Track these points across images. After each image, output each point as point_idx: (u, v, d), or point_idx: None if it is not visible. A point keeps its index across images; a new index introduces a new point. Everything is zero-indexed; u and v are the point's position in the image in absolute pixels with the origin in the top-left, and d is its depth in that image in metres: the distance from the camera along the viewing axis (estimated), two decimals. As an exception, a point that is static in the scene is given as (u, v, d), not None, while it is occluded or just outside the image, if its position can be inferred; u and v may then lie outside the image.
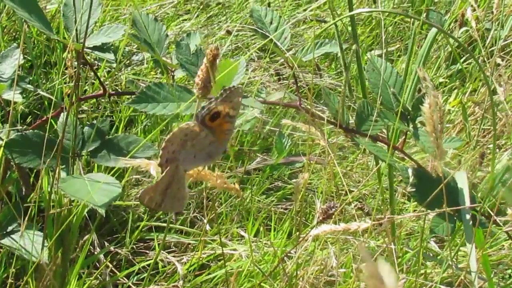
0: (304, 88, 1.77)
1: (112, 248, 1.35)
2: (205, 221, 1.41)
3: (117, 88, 1.56)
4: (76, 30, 1.03)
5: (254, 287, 1.25)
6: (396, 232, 1.39)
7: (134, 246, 1.36)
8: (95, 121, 1.14)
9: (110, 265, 1.29)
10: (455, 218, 1.11)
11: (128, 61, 1.62)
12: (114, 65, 1.55)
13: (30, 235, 1.11)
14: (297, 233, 1.19)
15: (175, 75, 1.20)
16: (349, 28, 1.16)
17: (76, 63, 1.04)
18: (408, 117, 1.10)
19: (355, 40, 1.24)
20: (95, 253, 1.33)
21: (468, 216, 1.08)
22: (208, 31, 1.72)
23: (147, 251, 1.36)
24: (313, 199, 1.55)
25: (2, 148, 1.06)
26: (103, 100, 1.49)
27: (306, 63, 1.15)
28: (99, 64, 1.50)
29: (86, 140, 1.13)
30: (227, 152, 0.78)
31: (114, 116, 1.53)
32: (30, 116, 1.45)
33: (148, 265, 1.33)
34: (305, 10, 1.96)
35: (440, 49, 1.87)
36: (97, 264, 1.31)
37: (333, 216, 0.90)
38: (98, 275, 1.25)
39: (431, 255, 1.38)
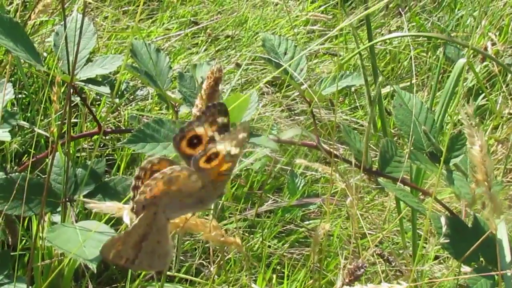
0: (318, 124, 1.61)
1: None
2: (212, 269, 1.23)
3: (119, 124, 1.40)
4: (68, 61, 0.87)
5: None
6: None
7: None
8: (89, 162, 0.98)
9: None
10: (494, 274, 0.93)
11: (132, 96, 1.46)
12: (117, 100, 1.39)
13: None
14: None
15: (179, 111, 1.03)
16: (363, 62, 1.00)
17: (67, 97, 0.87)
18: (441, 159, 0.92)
19: (375, 72, 1.07)
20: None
21: (510, 273, 0.90)
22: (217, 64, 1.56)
23: (149, 302, 1.18)
24: (328, 242, 1.36)
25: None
26: (104, 137, 1.32)
27: (323, 97, 0.98)
28: (101, 99, 1.35)
29: (79, 183, 0.96)
30: (223, 194, 0.60)
31: (115, 154, 1.36)
32: (26, 156, 1.28)
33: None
34: (317, 44, 1.81)
35: (458, 85, 1.70)
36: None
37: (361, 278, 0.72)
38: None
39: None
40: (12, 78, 1.36)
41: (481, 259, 0.94)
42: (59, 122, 0.87)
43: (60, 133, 0.78)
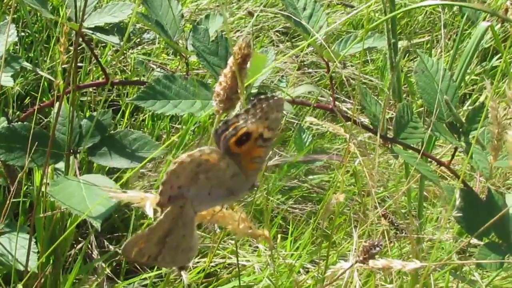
0: (326, 76, 1.55)
1: (111, 248, 1.15)
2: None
3: (125, 69, 1.34)
4: (76, 7, 0.80)
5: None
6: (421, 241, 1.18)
7: (136, 248, 1.15)
8: (95, 113, 0.92)
9: (108, 270, 1.08)
10: (503, 248, 0.90)
11: (138, 40, 1.39)
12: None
13: (19, 239, 0.91)
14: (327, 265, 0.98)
15: (189, 61, 0.97)
16: (388, 26, 0.93)
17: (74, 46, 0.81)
18: (460, 130, 0.87)
19: (394, 33, 1.01)
20: (92, 253, 1.12)
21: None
22: (227, 11, 1.48)
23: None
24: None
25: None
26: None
27: (342, 58, 0.92)
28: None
29: (84, 135, 0.91)
30: (256, 186, 0.54)
31: (120, 100, 1.31)
32: (28, 98, 1.23)
33: (150, 267, 1.13)
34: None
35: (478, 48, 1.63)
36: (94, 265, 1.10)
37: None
38: (94, 283, 1.05)
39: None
40: (15, 16, 1.29)
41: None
42: (63, 67, 0.81)
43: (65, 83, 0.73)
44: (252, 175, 0.53)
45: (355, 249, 0.72)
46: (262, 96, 0.51)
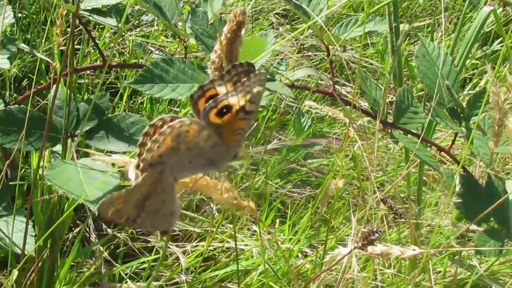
0: (326, 60, 1.53)
1: (109, 231, 1.14)
2: (213, 206, 1.19)
3: (123, 51, 1.32)
4: (72, -12, 0.78)
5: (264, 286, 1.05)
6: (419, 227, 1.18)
7: (134, 231, 1.15)
8: (93, 96, 0.91)
9: (106, 253, 1.08)
10: (502, 235, 0.89)
11: (136, 22, 1.37)
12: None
13: (16, 222, 0.90)
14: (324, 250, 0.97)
15: (187, 45, 0.96)
16: (390, 9, 0.92)
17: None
18: (461, 115, 0.86)
19: (396, 16, 0.99)
20: (90, 237, 1.12)
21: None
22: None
23: (148, 237, 1.15)
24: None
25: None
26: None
27: (343, 42, 0.91)
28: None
29: (81, 118, 0.90)
30: (238, 157, 0.54)
31: (118, 83, 1.29)
32: (26, 80, 1.21)
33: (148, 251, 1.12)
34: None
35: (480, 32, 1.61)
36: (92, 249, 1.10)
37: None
38: (92, 266, 1.04)
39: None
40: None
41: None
42: (60, 49, 0.80)
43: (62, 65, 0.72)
44: (233, 146, 0.53)
45: (354, 234, 0.72)
46: (237, 63, 0.51)
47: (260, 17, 1.57)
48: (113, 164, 1.01)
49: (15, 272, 0.79)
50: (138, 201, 0.52)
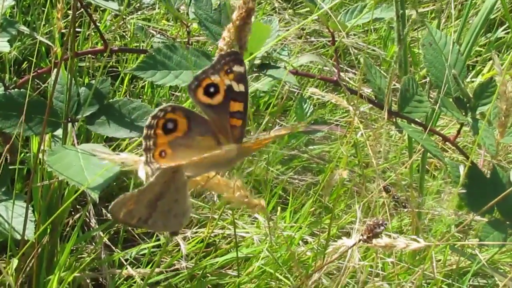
0: (328, 46, 1.52)
1: (109, 216, 1.13)
2: (214, 192, 1.18)
3: (125, 35, 1.30)
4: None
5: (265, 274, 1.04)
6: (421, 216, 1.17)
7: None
8: (94, 81, 0.90)
9: (106, 239, 1.07)
10: (506, 226, 0.88)
11: (138, 5, 1.35)
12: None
13: (16, 207, 0.89)
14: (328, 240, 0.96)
15: (190, 30, 0.94)
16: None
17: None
18: (468, 105, 0.85)
19: (402, 3, 0.97)
20: (90, 222, 1.11)
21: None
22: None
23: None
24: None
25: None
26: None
27: (349, 30, 0.89)
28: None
29: (82, 103, 0.89)
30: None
31: (119, 66, 1.28)
32: (25, 63, 1.19)
33: (149, 237, 1.12)
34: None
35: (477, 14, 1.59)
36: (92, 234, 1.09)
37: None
38: (92, 251, 1.03)
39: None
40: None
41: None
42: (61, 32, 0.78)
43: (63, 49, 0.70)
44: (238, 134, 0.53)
45: (358, 223, 0.71)
46: (223, 53, 0.53)
47: (262, 1, 1.55)
48: (114, 149, 1.00)
49: (15, 261, 0.78)
50: (151, 200, 0.51)
